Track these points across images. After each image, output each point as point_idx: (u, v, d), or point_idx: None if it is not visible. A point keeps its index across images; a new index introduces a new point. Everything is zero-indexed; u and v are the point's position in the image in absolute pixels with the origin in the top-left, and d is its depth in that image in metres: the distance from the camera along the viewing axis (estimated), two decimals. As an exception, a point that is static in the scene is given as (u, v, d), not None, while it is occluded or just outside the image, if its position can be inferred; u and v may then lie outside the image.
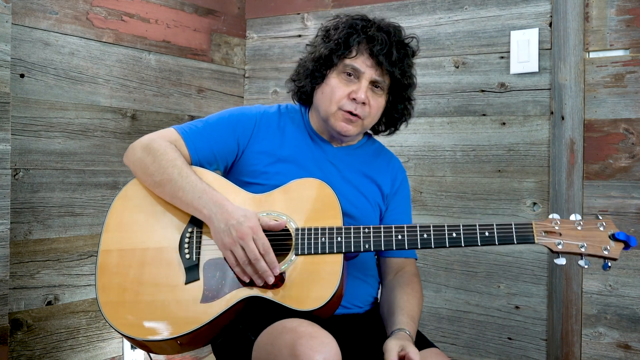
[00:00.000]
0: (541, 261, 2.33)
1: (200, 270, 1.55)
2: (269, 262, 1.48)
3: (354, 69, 1.64)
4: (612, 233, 1.47)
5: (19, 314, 2.10)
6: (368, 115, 1.67)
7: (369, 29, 1.65)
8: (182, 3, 2.62)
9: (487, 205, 2.41)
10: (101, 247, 1.60)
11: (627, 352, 2.18)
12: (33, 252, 2.13)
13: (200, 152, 1.67)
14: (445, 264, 2.49)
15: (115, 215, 1.63)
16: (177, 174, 1.57)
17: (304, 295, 1.49)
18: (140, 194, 1.64)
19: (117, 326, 1.52)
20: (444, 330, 2.50)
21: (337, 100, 1.65)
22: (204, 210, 1.54)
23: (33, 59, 2.12)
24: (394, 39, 1.65)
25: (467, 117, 2.45)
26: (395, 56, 1.63)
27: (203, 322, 1.49)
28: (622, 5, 2.18)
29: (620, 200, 2.18)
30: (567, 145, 2.24)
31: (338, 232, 1.53)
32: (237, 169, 1.71)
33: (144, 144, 1.65)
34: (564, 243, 1.48)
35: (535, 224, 1.50)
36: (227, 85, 2.84)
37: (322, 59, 1.68)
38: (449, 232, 1.51)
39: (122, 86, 2.40)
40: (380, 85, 1.66)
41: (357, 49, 1.64)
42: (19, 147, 2.09)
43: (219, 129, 1.69)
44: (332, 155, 1.74)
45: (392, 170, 1.82)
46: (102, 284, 1.57)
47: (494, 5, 2.41)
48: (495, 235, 1.49)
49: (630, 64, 2.17)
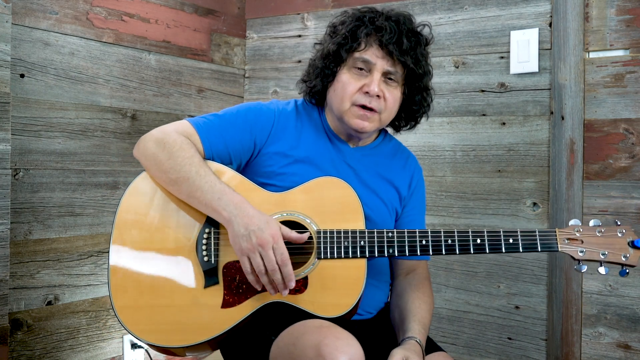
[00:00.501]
0: (541, 261, 2.33)
1: (219, 274, 1.50)
2: (285, 275, 1.43)
3: (364, 61, 1.58)
4: (632, 240, 1.47)
5: (19, 314, 2.10)
6: (384, 109, 1.60)
7: (377, 19, 1.59)
8: (182, 3, 2.62)
9: (487, 205, 2.41)
10: (112, 246, 1.52)
11: (627, 352, 2.18)
12: (33, 252, 2.13)
13: (215, 148, 1.59)
14: (445, 264, 2.49)
15: (125, 212, 1.54)
16: (195, 173, 1.49)
17: (327, 302, 1.46)
18: (152, 189, 1.56)
19: (136, 332, 1.47)
20: (444, 330, 2.50)
21: (349, 95, 1.59)
22: (224, 212, 1.46)
23: (33, 59, 2.12)
24: (404, 27, 1.58)
25: (467, 117, 2.45)
26: (406, 44, 1.57)
27: (224, 329, 1.46)
28: (622, 5, 2.18)
29: (620, 200, 2.18)
30: (567, 145, 2.24)
31: (361, 235, 1.49)
32: (252, 169, 1.65)
33: (158, 138, 1.56)
34: (586, 251, 1.48)
35: (558, 232, 1.48)
36: (227, 85, 2.84)
37: (331, 55, 1.62)
38: (474, 238, 1.49)
39: (122, 86, 2.40)
40: (394, 77, 1.60)
41: (366, 40, 1.58)
42: (19, 147, 2.09)
43: (236, 126, 1.61)
44: (349, 157, 1.68)
45: (409, 171, 1.77)
46: (116, 287, 1.50)
47: (494, 5, 2.41)
48: (520, 243, 1.48)
49: (630, 64, 2.17)
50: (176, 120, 2.59)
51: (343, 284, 1.47)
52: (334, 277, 1.48)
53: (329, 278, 1.48)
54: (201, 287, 1.49)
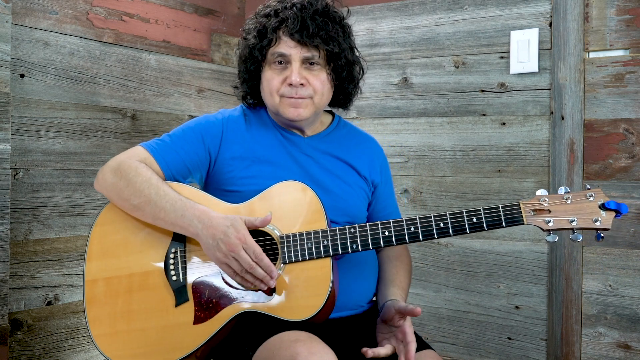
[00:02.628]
0: (541, 261, 2.33)
1: (188, 291, 1.52)
2: (264, 268, 1.45)
3: (280, 55, 1.60)
4: (602, 203, 1.43)
5: (19, 314, 2.10)
6: (314, 94, 1.62)
7: (281, 11, 1.61)
8: (182, 3, 2.62)
9: (487, 205, 2.41)
10: (86, 277, 1.56)
11: (627, 352, 2.18)
12: (33, 252, 2.13)
13: (172, 166, 1.62)
14: (445, 264, 2.49)
15: (95, 243, 1.58)
16: (155, 194, 1.51)
17: (296, 305, 1.47)
18: (117, 217, 1.59)
19: (114, 358, 1.50)
20: (444, 330, 2.50)
21: (275, 89, 1.61)
22: (190, 228, 1.49)
23: (33, 59, 2.12)
24: (308, 11, 1.59)
25: (467, 117, 2.45)
26: (313, 28, 1.57)
27: (198, 344, 1.48)
28: (622, 5, 2.18)
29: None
30: (567, 145, 2.24)
31: (323, 235, 1.50)
32: (214, 179, 1.67)
33: (113, 167, 1.58)
34: (554, 220, 1.44)
35: (522, 204, 1.46)
36: (227, 85, 2.84)
37: (248, 57, 1.65)
38: (437, 222, 1.48)
39: (122, 86, 2.40)
40: (315, 61, 1.60)
41: (275, 35, 1.60)
42: (19, 147, 2.09)
43: (188, 140, 1.64)
44: (305, 147, 1.69)
45: (370, 153, 1.78)
46: (93, 316, 1.53)
47: (494, 5, 2.41)
48: (484, 221, 1.47)
49: (630, 64, 2.17)
50: (176, 121, 2.60)
51: (310, 285, 1.48)
52: (300, 279, 1.49)
53: (297, 281, 1.49)
54: (173, 307, 1.51)
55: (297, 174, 1.64)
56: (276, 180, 1.59)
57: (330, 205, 1.57)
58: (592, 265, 2.23)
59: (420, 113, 2.54)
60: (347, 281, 1.61)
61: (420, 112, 2.53)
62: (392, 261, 1.72)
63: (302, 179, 1.60)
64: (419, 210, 2.53)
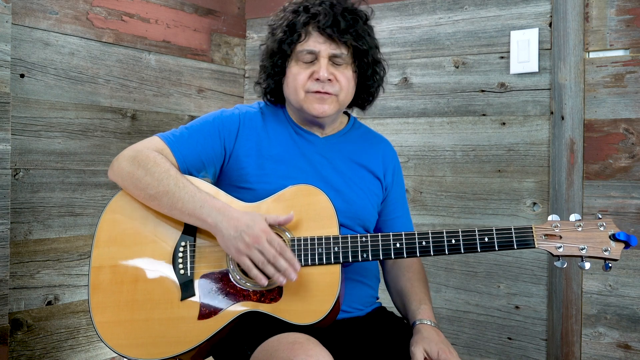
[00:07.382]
0: (541, 261, 2.33)
1: (195, 286, 1.51)
2: (288, 259, 1.44)
3: (309, 52, 1.61)
4: (613, 233, 1.44)
5: (19, 314, 2.10)
6: (340, 91, 1.63)
7: (311, 7, 1.62)
8: (182, 3, 2.62)
9: (487, 205, 2.42)
10: (92, 264, 1.55)
11: (627, 352, 2.18)
12: (33, 252, 2.13)
13: (188, 159, 1.62)
14: (445, 264, 2.49)
15: (104, 230, 1.58)
16: (174, 185, 1.52)
17: (302, 309, 1.46)
18: (129, 206, 1.59)
19: (114, 347, 1.49)
20: (444, 330, 2.49)
21: (301, 84, 1.62)
22: (209, 219, 1.48)
23: (33, 59, 2.12)
24: (339, 8, 1.61)
25: (467, 117, 2.45)
26: (343, 24, 1.59)
27: (201, 340, 1.47)
28: (622, 5, 2.18)
29: (620, 200, 2.18)
30: (567, 145, 2.24)
31: (335, 241, 1.50)
32: (227, 175, 1.67)
33: (131, 156, 1.58)
34: (564, 246, 1.45)
35: (535, 228, 1.47)
36: (227, 85, 2.84)
37: (275, 52, 1.65)
38: (448, 238, 1.49)
39: (122, 86, 2.40)
40: (341, 58, 1.62)
41: (305, 30, 1.61)
42: (19, 147, 2.09)
43: (204, 134, 1.64)
44: (320, 147, 1.70)
45: (383, 155, 1.78)
46: (96, 303, 1.53)
47: (494, 5, 2.41)
48: (495, 241, 1.47)
49: (630, 64, 2.17)
50: (176, 121, 2.60)
51: (318, 290, 1.48)
52: (309, 284, 1.49)
53: (304, 285, 1.48)
54: (178, 300, 1.51)
55: (309, 174, 1.64)
56: (288, 179, 1.59)
57: (340, 207, 1.57)
58: (592, 265, 2.22)
59: (420, 113, 2.54)
60: (349, 285, 1.61)
61: (420, 112, 2.53)
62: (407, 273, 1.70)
63: (313, 178, 1.61)
64: (419, 210, 2.53)
